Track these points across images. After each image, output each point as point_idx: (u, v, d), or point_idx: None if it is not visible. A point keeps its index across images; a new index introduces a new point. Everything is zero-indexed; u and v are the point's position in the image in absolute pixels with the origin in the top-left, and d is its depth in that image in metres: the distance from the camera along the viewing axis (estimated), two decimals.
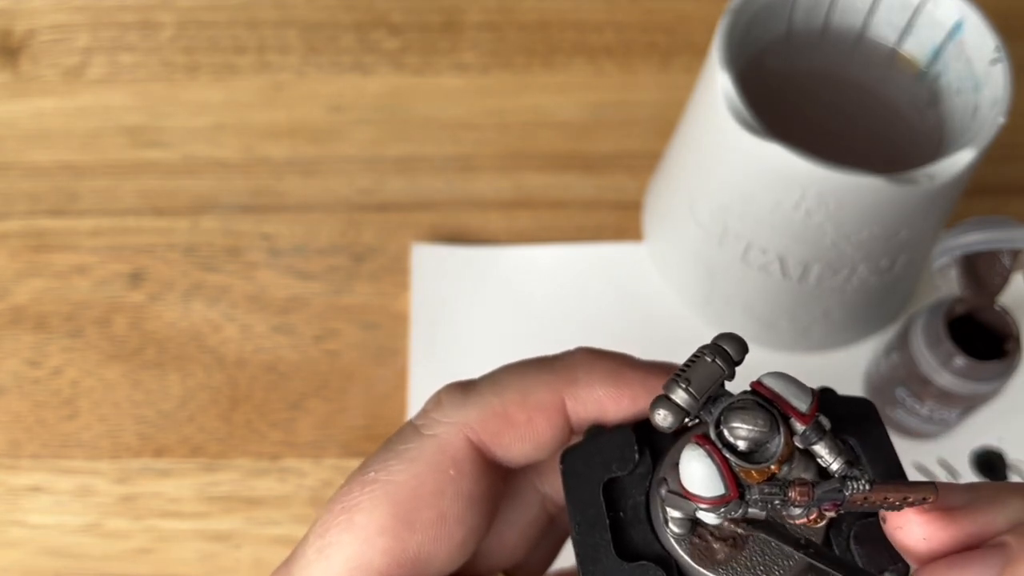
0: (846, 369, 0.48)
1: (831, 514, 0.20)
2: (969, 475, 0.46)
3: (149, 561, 0.45)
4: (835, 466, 0.21)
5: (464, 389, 0.25)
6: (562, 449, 0.25)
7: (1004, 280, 0.40)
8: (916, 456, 0.46)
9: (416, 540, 0.23)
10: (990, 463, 0.47)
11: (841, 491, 0.20)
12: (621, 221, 0.53)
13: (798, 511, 0.20)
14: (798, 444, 0.21)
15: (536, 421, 0.24)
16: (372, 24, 0.59)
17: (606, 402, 0.24)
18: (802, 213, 0.40)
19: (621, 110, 0.56)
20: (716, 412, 0.21)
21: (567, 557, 0.27)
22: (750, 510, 0.20)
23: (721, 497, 0.20)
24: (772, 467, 0.20)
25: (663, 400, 0.21)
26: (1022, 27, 0.49)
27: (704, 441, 0.20)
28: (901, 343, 0.43)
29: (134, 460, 0.47)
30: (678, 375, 0.21)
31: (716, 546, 0.22)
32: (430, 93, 0.57)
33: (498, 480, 0.25)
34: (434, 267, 0.51)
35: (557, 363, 0.25)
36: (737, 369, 0.21)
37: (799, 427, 0.20)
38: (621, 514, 0.23)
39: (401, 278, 0.51)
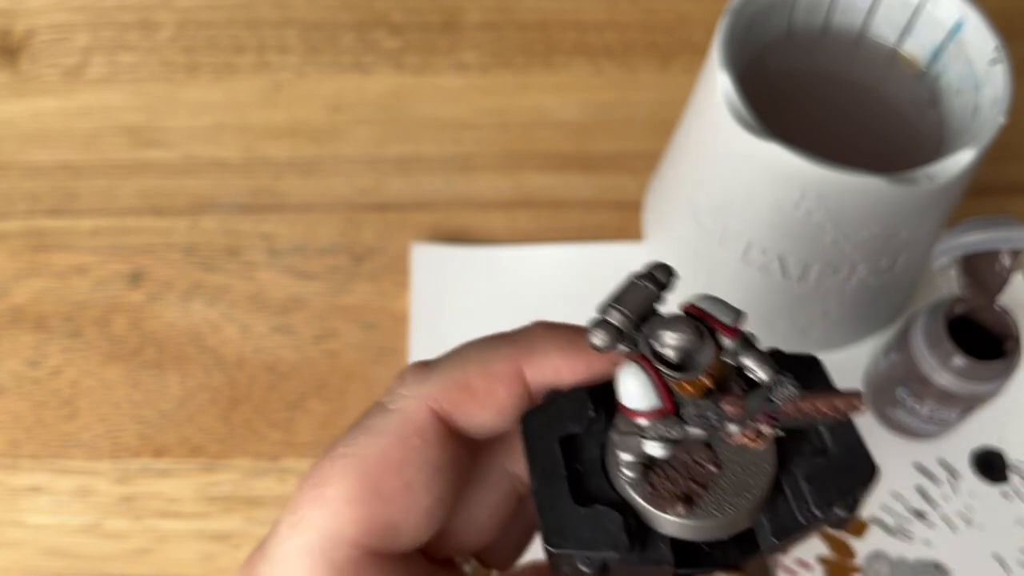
0: (846, 369, 0.48)
1: (768, 430, 0.21)
2: (969, 475, 0.46)
3: (149, 561, 0.45)
4: (763, 375, 0.21)
5: (427, 365, 0.26)
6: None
7: (1004, 280, 0.40)
8: (916, 456, 0.46)
9: (385, 509, 0.24)
10: (990, 463, 0.47)
11: (772, 400, 0.20)
12: (621, 221, 0.53)
13: (734, 427, 0.21)
14: (727, 360, 0.21)
15: (496, 389, 0.25)
16: (372, 24, 0.59)
17: (562, 368, 0.25)
18: (802, 213, 0.40)
19: (621, 110, 0.56)
20: (647, 330, 0.21)
21: (539, 550, 0.27)
22: (688, 428, 0.21)
23: (657, 410, 0.21)
24: (704, 379, 0.21)
25: (598, 322, 0.21)
26: (1022, 27, 0.49)
27: (638, 358, 0.21)
28: (901, 343, 0.43)
29: (134, 460, 0.47)
30: (612, 299, 0.22)
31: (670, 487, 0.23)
32: (430, 93, 0.57)
33: (463, 450, 0.26)
34: (434, 267, 0.51)
35: (515, 336, 0.26)
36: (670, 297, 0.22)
37: (728, 342, 0.21)
38: (578, 467, 0.24)
39: (401, 278, 0.51)
